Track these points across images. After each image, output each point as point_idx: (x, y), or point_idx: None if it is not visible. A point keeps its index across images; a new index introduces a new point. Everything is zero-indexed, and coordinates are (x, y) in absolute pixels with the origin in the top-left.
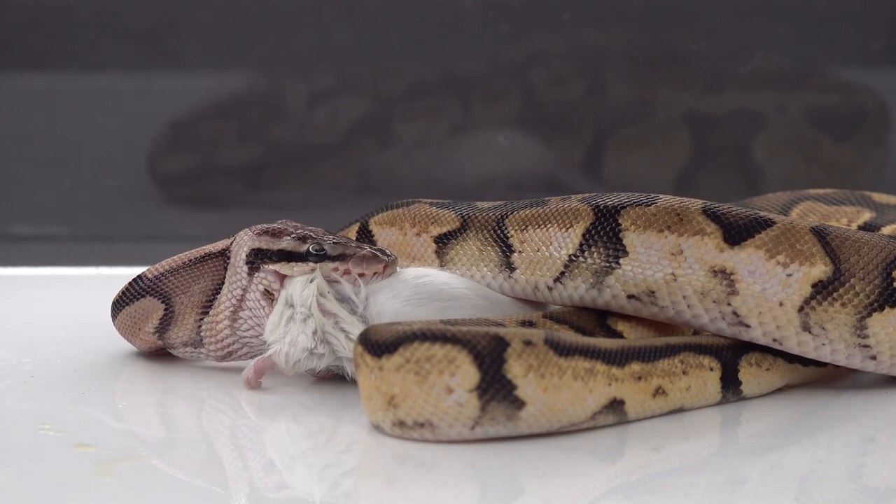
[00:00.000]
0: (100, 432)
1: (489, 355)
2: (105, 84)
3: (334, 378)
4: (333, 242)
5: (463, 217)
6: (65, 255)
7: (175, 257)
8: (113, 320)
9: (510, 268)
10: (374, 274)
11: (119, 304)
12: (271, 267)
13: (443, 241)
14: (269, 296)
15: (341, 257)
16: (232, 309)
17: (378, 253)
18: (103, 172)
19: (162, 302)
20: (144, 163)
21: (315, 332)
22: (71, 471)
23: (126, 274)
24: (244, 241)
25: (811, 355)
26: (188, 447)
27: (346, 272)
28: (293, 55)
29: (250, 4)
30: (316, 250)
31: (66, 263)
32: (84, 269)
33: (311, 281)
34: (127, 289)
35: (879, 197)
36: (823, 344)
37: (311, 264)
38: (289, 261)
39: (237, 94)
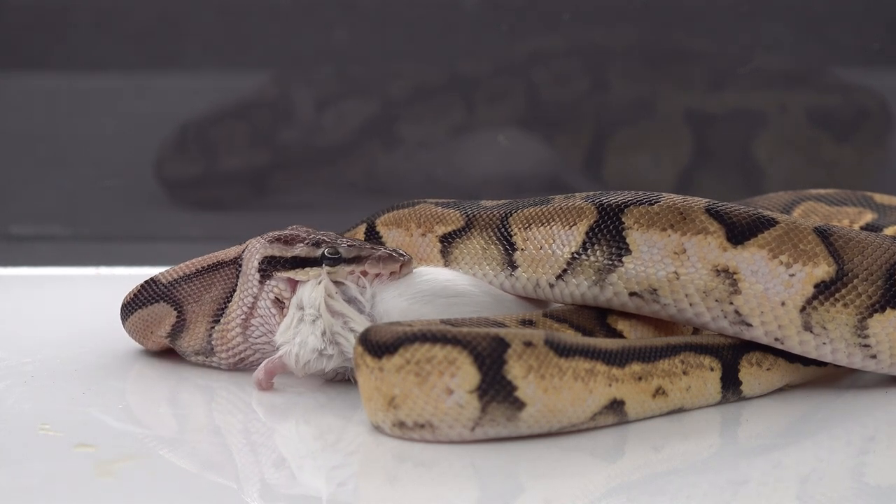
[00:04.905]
0: (100, 432)
1: (489, 356)
2: (105, 84)
3: (343, 380)
4: (348, 245)
5: (467, 216)
6: (65, 255)
7: (188, 263)
8: (123, 322)
9: (512, 266)
10: (391, 274)
11: (131, 307)
12: (285, 274)
13: (447, 241)
14: (280, 303)
15: (356, 259)
16: (243, 317)
17: (393, 253)
18: (103, 172)
19: (174, 309)
20: (151, 166)
21: (324, 333)
22: (71, 471)
23: (126, 274)
24: (256, 249)
25: (812, 355)
26: (188, 447)
27: (364, 274)
28: (294, 56)
29: (250, 4)
30: (331, 254)
31: (66, 263)
32: (84, 269)
33: (319, 282)
34: (139, 292)
35: (881, 198)
36: (824, 343)
37: (325, 268)
38: (303, 267)
39: (244, 97)
